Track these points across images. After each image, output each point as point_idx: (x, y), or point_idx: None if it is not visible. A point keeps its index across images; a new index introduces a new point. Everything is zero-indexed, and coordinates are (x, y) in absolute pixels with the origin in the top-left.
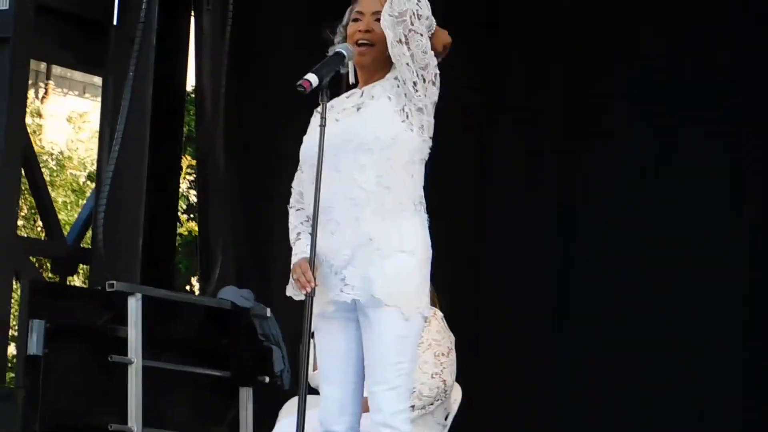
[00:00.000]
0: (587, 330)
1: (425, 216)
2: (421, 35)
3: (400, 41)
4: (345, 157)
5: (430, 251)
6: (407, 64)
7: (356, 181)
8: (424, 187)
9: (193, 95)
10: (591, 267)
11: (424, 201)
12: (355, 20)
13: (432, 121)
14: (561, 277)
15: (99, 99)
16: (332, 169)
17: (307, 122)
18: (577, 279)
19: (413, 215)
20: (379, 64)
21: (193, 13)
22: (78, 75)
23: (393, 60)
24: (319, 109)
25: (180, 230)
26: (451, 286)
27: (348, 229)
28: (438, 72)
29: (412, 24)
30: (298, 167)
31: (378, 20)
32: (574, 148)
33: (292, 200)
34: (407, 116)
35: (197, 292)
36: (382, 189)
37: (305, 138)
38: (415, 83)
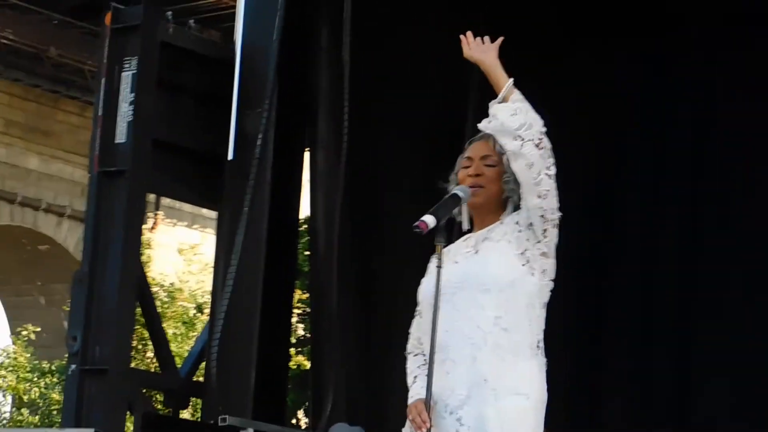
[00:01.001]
0: None
1: (544, 360)
2: (553, 179)
3: (540, 196)
4: (463, 296)
5: (546, 395)
6: (542, 216)
7: (473, 320)
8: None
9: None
10: None
11: (542, 345)
12: (465, 167)
13: (554, 263)
14: None
15: (207, 230)
16: (450, 308)
17: (423, 265)
18: None
19: (530, 358)
20: (492, 205)
21: (308, 149)
22: (187, 206)
23: (527, 209)
24: (437, 252)
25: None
26: None
27: (464, 368)
28: (560, 213)
29: (548, 171)
30: (416, 312)
31: (488, 165)
32: None
33: (409, 346)
34: (528, 260)
35: (305, 427)
36: (500, 330)
37: (423, 280)
38: (545, 230)
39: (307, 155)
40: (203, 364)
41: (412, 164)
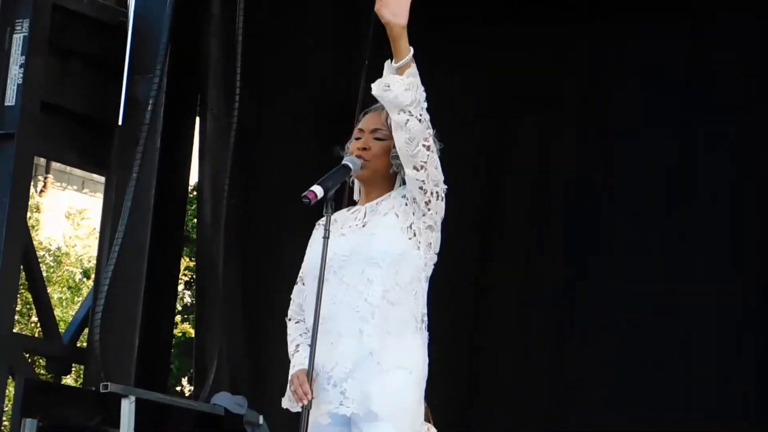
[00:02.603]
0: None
1: (426, 334)
2: (434, 151)
3: (416, 168)
4: (351, 269)
5: (427, 370)
6: (420, 187)
7: (362, 294)
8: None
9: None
10: None
11: (426, 318)
12: (357, 138)
13: (439, 236)
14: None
15: (97, 195)
16: (337, 281)
17: (308, 232)
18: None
19: (415, 332)
20: (379, 179)
21: (197, 116)
22: (78, 170)
23: (407, 182)
24: (322, 221)
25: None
26: None
27: (349, 341)
28: (446, 186)
29: (425, 142)
30: (298, 278)
31: (378, 138)
32: None
33: (290, 312)
34: (414, 234)
35: (188, 394)
36: (387, 304)
37: (308, 250)
38: (427, 202)
39: (197, 123)
40: (87, 330)
41: (301, 132)
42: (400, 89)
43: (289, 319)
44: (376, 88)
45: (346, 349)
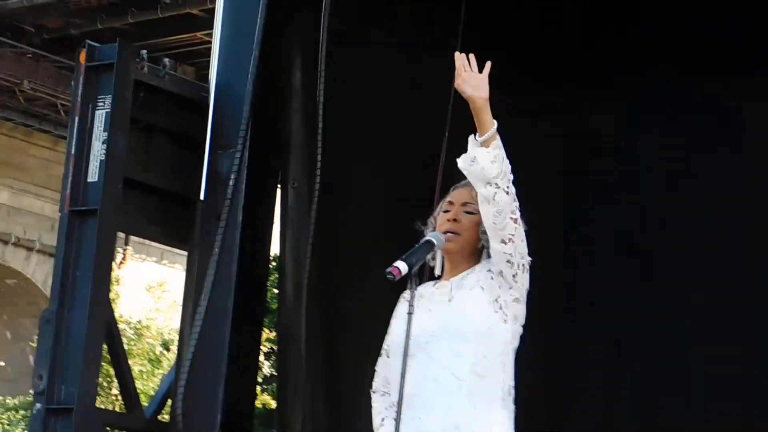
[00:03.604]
0: None
1: (513, 407)
2: (520, 224)
3: (504, 242)
4: (439, 345)
5: None
6: (508, 261)
7: (449, 368)
8: None
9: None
10: None
11: (513, 391)
12: (446, 211)
13: (524, 309)
14: None
15: (176, 266)
16: (425, 356)
17: (390, 304)
18: None
19: (502, 407)
20: (466, 253)
21: (279, 191)
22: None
23: (493, 255)
24: (407, 295)
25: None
26: None
27: (437, 415)
28: (530, 258)
29: (513, 215)
30: (383, 350)
31: (468, 212)
32: None
33: (375, 384)
34: (500, 307)
35: None
36: (475, 377)
37: (393, 321)
38: (514, 275)
39: (278, 194)
40: (169, 403)
41: (382, 206)
42: (486, 162)
43: (374, 392)
44: (463, 162)
45: (434, 424)
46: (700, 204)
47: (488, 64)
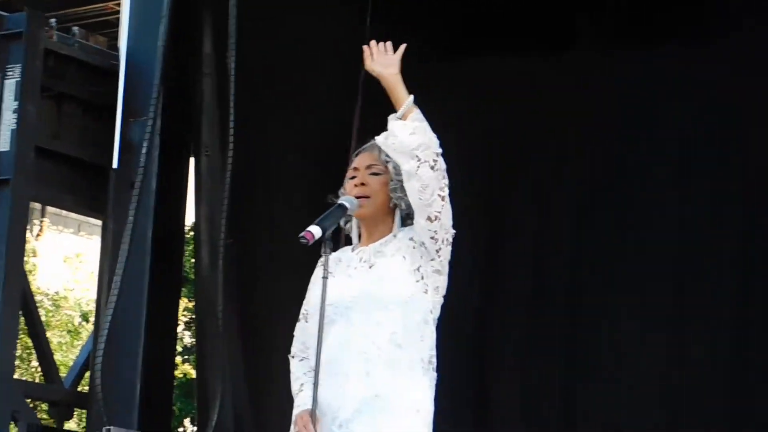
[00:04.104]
0: None
1: (434, 375)
2: (447, 201)
3: (430, 219)
4: (359, 312)
5: (433, 411)
6: (432, 237)
7: (368, 336)
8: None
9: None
10: None
11: (434, 360)
12: (352, 177)
13: (446, 280)
14: None
15: (94, 237)
16: (345, 322)
17: (307, 269)
18: None
19: (423, 374)
20: (380, 215)
21: (193, 157)
22: (74, 214)
23: (417, 229)
24: (323, 260)
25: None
26: None
27: (356, 382)
28: (454, 231)
29: (441, 192)
30: (301, 315)
31: (374, 173)
32: None
33: (294, 349)
34: (422, 277)
35: None
36: (394, 347)
37: (311, 286)
38: (438, 250)
39: (192, 163)
40: (88, 374)
41: (297, 172)
42: (404, 134)
43: (293, 357)
44: (382, 139)
45: (353, 391)
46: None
47: (402, 46)
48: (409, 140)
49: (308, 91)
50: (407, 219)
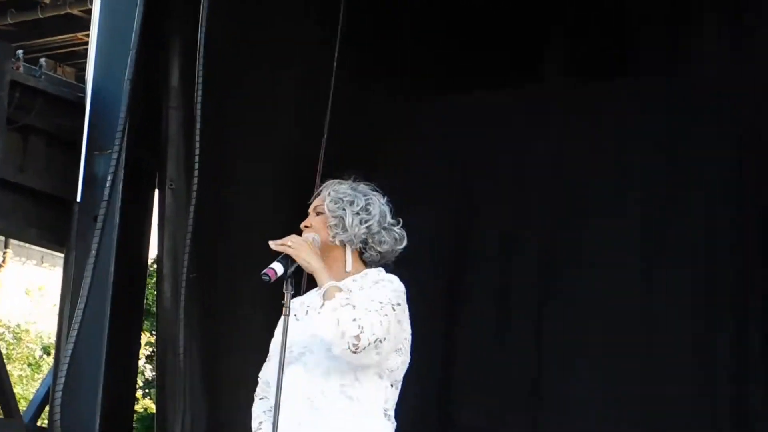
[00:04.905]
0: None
1: (392, 424)
2: (381, 354)
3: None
4: (312, 358)
5: None
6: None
7: (318, 385)
8: None
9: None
10: None
11: (392, 412)
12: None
13: (408, 348)
14: None
15: (57, 269)
16: (300, 366)
17: (272, 307)
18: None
19: (377, 422)
20: (327, 251)
21: (156, 192)
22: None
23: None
24: (295, 300)
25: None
26: None
27: (311, 429)
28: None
29: (377, 356)
30: (268, 357)
31: (318, 213)
32: None
33: (258, 389)
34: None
35: None
36: (345, 398)
37: (276, 329)
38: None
39: (156, 197)
40: (48, 408)
41: (262, 207)
42: (321, 329)
43: (256, 395)
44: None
45: None
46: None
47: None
48: (324, 334)
49: (276, 123)
50: (365, 252)
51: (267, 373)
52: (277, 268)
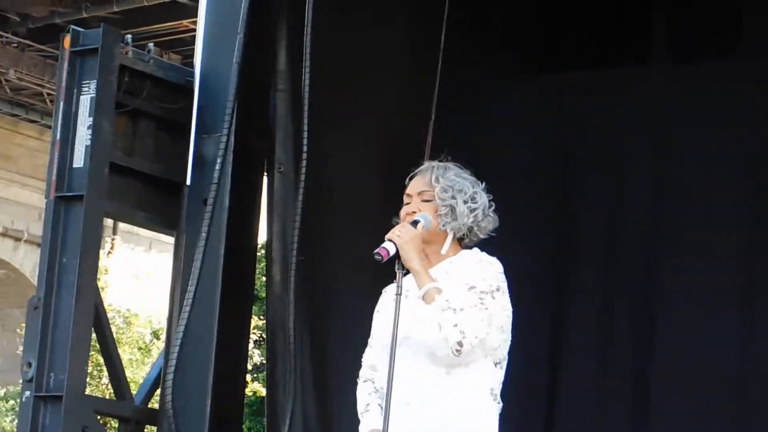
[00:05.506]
0: None
1: (499, 406)
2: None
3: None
4: (419, 343)
5: None
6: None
7: (424, 368)
8: None
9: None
10: None
11: (497, 392)
12: (406, 204)
13: (509, 326)
14: None
15: (165, 254)
16: (407, 350)
17: (379, 290)
18: None
19: (486, 405)
20: (432, 240)
21: (266, 174)
22: (145, 231)
23: None
24: (387, 289)
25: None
26: None
27: (421, 411)
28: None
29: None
30: (369, 341)
31: (424, 200)
32: None
33: (361, 372)
34: None
35: None
36: (451, 379)
37: (379, 308)
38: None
39: (265, 180)
40: (159, 391)
41: (369, 189)
42: (424, 331)
43: (359, 379)
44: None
45: (417, 419)
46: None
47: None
48: (426, 340)
49: (381, 106)
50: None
51: (371, 356)
52: (390, 248)
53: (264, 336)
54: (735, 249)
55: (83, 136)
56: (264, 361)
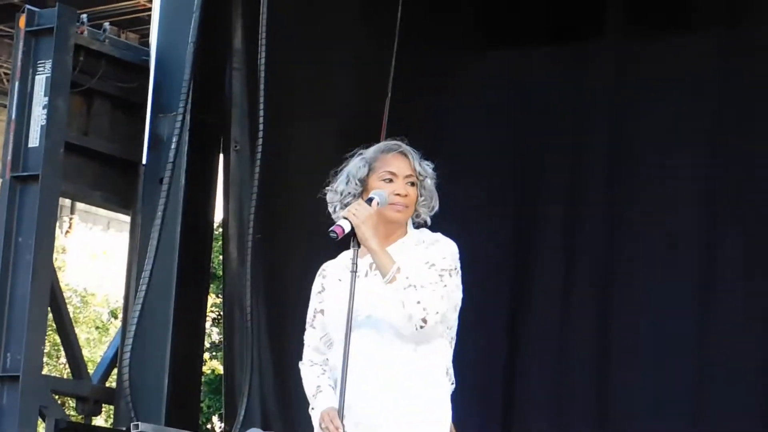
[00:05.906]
0: None
1: (451, 386)
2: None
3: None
4: (382, 321)
5: (451, 419)
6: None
7: (393, 348)
8: None
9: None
10: None
11: (451, 371)
12: (388, 181)
13: (459, 296)
14: None
15: (123, 233)
16: (371, 331)
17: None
18: None
19: (442, 384)
20: (404, 224)
21: (222, 153)
22: (103, 210)
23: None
24: (329, 265)
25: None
26: None
27: (379, 390)
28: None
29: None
30: (311, 322)
31: (411, 184)
32: None
33: (306, 355)
34: None
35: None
36: (418, 359)
37: (326, 294)
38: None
39: (221, 159)
40: (116, 370)
41: (325, 167)
42: (389, 309)
43: (304, 364)
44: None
45: (375, 398)
46: None
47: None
48: (390, 318)
49: (338, 83)
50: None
51: (314, 337)
52: (345, 225)
53: (221, 314)
54: (692, 223)
55: (38, 115)
56: (222, 339)
